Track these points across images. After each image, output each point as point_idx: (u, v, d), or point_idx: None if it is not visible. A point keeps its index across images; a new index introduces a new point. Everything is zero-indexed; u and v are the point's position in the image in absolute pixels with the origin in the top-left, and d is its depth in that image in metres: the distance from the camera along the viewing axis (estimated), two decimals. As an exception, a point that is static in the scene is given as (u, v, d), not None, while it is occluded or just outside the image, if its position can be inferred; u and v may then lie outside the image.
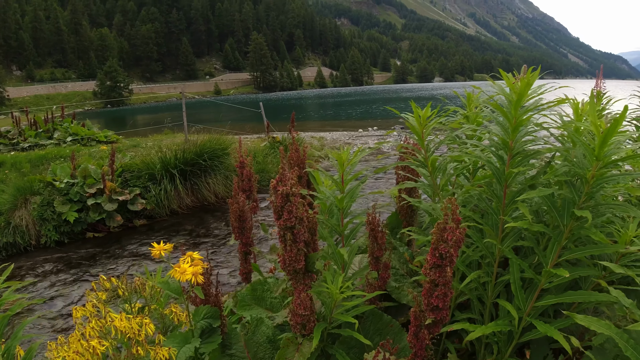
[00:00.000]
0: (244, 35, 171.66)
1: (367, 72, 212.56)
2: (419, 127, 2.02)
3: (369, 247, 1.87)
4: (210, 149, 8.28)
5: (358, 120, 30.31)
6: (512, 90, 1.70)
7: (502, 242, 1.93)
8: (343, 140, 16.52)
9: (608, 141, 1.52)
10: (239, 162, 2.20)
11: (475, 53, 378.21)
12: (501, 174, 1.82)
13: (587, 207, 1.72)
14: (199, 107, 52.55)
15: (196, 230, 7.07)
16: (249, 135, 16.97)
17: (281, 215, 1.46)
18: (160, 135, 14.28)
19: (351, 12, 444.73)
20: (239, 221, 2.03)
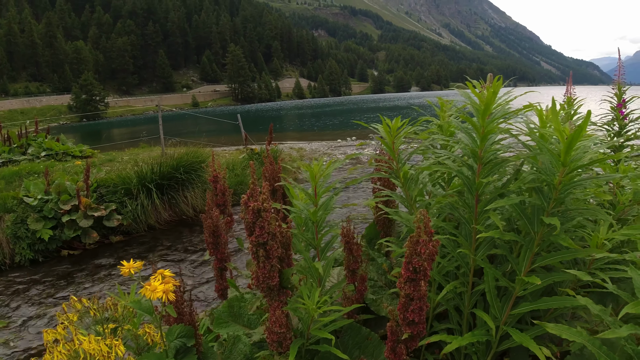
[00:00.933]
0: (222, 47, 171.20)
1: (345, 83, 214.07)
2: (389, 139, 2.02)
3: (345, 260, 1.85)
4: (188, 162, 8.19)
5: (337, 131, 30.42)
6: (479, 99, 1.71)
7: (476, 251, 1.94)
8: (322, 151, 16.53)
9: (573, 147, 1.53)
10: (212, 177, 2.16)
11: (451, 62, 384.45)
12: (472, 184, 1.82)
13: (556, 213, 1.73)
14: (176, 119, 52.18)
15: (174, 245, 6.96)
16: (227, 147, 16.87)
17: (253, 232, 1.43)
18: (136, 149, 14.09)
19: (328, 23, 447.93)
20: (213, 236, 1.99)
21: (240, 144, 16.07)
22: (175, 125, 42.28)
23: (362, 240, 3.02)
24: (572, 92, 3.47)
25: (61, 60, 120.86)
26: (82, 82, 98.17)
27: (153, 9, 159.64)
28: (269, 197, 1.39)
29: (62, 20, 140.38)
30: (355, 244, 1.80)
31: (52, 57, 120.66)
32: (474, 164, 1.83)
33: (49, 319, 4.81)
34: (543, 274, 1.82)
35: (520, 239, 1.77)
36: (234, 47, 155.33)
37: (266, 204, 1.41)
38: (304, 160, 14.02)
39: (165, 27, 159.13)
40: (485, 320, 1.76)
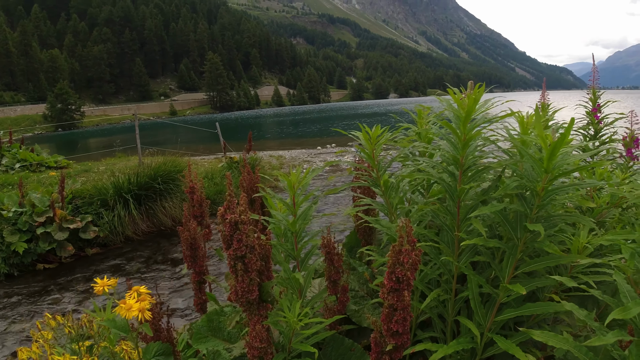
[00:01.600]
0: (199, 55, 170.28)
1: (324, 90, 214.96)
2: (369, 147, 2.00)
3: (325, 271, 1.82)
4: (166, 171, 8.08)
5: (316, 138, 30.46)
6: (460, 106, 1.70)
7: (459, 258, 1.92)
8: (302, 158, 16.52)
9: (556, 154, 1.53)
10: (189, 188, 2.10)
11: (428, 69, 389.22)
12: (454, 191, 1.81)
13: (539, 219, 1.73)
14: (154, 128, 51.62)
15: (153, 257, 6.83)
16: (206, 156, 16.74)
17: (231, 245, 1.39)
18: (113, 159, 13.87)
19: (306, 31, 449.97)
20: (190, 249, 1.93)
21: (219, 153, 15.97)
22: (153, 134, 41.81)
23: (343, 249, 2.98)
24: (546, 98, 3.51)
25: (36, 69, 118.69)
26: (57, 91, 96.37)
27: (130, 17, 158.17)
28: (246, 209, 1.34)
29: (38, 28, 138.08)
30: (336, 255, 1.77)
31: (27, 66, 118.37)
32: (455, 170, 1.82)
33: (25, 336, 4.66)
34: (526, 279, 1.82)
35: (503, 246, 1.76)
36: (212, 55, 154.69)
37: (244, 216, 1.37)
38: (284, 168, 13.98)
39: (142, 35, 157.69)
40: (470, 327, 1.74)
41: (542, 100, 3.52)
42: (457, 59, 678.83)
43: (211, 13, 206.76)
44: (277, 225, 1.81)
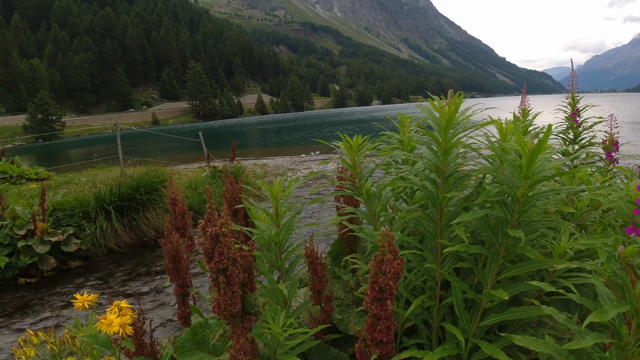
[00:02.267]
0: (182, 64, 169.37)
1: (307, 98, 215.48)
2: (351, 156, 2.01)
3: (309, 281, 1.82)
4: (148, 182, 7.99)
5: (300, 145, 30.48)
6: (441, 115, 1.72)
7: (443, 264, 1.94)
8: (286, 166, 16.50)
9: (535, 160, 1.54)
10: (170, 199, 2.08)
11: (410, 76, 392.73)
12: (436, 198, 1.82)
13: (520, 224, 1.75)
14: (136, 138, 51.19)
15: (136, 269, 6.73)
16: (189, 165, 16.64)
17: (212, 258, 1.38)
18: (94, 170, 13.71)
19: (289, 39, 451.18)
20: (173, 262, 1.90)
21: (202, 162, 15.88)
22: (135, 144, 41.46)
23: (327, 257, 2.98)
24: (526, 104, 3.56)
25: (16, 79, 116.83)
26: (37, 101, 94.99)
27: (111, 26, 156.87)
28: (227, 222, 1.33)
29: (18, 38, 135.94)
30: (319, 264, 1.77)
31: (6, 76, 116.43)
32: (437, 178, 1.83)
33: (7, 353, 4.56)
34: (509, 284, 1.83)
35: (485, 252, 1.77)
36: (194, 64, 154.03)
37: (224, 229, 1.36)
38: (268, 176, 13.95)
39: (124, 43, 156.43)
40: (455, 333, 1.75)
41: (522, 106, 3.58)
42: (438, 65, 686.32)
43: (193, 22, 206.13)
44: (260, 235, 1.80)
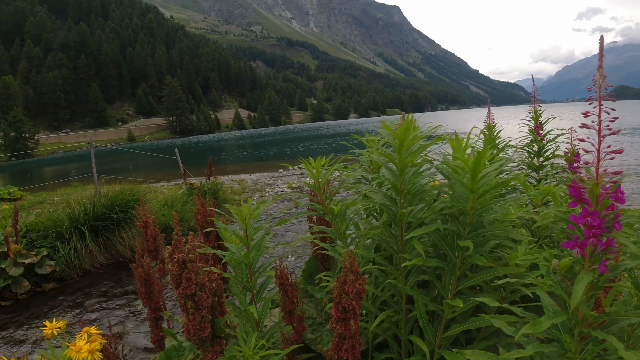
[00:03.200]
0: (158, 80, 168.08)
1: (285, 112, 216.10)
2: (314, 177, 2.08)
3: (280, 302, 1.86)
4: (123, 200, 7.93)
5: (279, 160, 30.49)
6: (394, 135, 1.82)
7: (407, 279, 2.02)
8: (264, 182, 16.49)
9: (477, 175, 1.64)
10: (142, 222, 2.11)
11: (386, 89, 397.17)
12: (396, 215, 1.90)
13: (473, 236, 1.85)
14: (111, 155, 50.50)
15: (112, 290, 6.66)
16: (166, 182, 16.52)
17: (180, 284, 1.41)
18: (69, 189, 13.52)
19: (266, 54, 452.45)
20: (145, 286, 1.91)
21: (179, 179, 15.79)
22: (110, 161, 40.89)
23: (301, 275, 3.04)
24: (491, 118, 3.71)
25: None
26: (10, 119, 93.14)
27: (86, 42, 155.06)
28: (194, 248, 1.38)
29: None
30: (289, 285, 1.81)
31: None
32: (396, 196, 1.92)
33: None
34: (471, 295, 1.93)
35: (443, 264, 1.86)
36: (170, 79, 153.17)
37: (192, 255, 1.39)
38: (246, 192, 13.95)
39: (99, 59, 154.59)
40: (420, 345, 1.83)
41: (487, 121, 3.72)
42: (413, 78, 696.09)
43: (169, 37, 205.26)
44: (231, 257, 1.85)
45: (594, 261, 1.28)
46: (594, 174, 1.26)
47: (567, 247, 1.33)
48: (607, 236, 1.26)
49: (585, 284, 1.21)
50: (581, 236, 1.26)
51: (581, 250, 1.28)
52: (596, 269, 1.27)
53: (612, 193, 1.24)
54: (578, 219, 1.27)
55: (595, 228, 1.24)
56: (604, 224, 1.25)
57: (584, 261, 1.29)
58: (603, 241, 1.25)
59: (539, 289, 1.44)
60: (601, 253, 1.28)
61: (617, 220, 1.27)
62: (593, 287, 1.32)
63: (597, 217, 1.24)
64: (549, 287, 1.37)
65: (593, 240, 1.25)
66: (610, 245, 1.26)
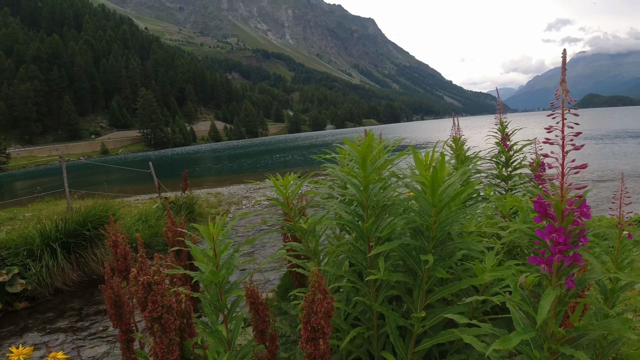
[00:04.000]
0: (132, 92, 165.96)
1: (262, 124, 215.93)
2: (282, 195, 2.08)
3: (252, 321, 1.85)
4: (96, 216, 7.80)
5: (255, 172, 30.41)
6: (357, 152, 1.84)
7: (377, 294, 2.03)
8: (241, 194, 16.41)
9: (437, 189, 1.66)
10: (112, 241, 2.07)
11: (362, 100, 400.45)
12: (362, 231, 1.91)
13: (437, 250, 1.87)
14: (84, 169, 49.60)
15: (85, 308, 6.52)
16: (140, 196, 16.29)
17: (146, 307, 1.38)
18: (40, 204, 13.23)
19: (241, 66, 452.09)
20: (115, 307, 1.87)
21: (154, 192, 15.59)
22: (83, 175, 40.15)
23: (277, 290, 3.03)
24: (458, 132, 3.77)
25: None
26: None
27: (58, 54, 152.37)
28: (159, 270, 1.37)
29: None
30: (260, 304, 1.80)
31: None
32: (362, 212, 1.93)
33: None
34: (441, 308, 1.95)
35: (408, 279, 1.87)
36: (145, 91, 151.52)
37: (157, 277, 1.38)
38: (222, 205, 13.86)
39: (72, 71, 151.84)
40: (390, 360, 1.84)
41: (453, 134, 3.79)
42: (389, 89, 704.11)
43: (144, 49, 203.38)
44: (200, 277, 1.84)
45: (561, 276, 1.30)
46: (559, 189, 1.28)
47: (534, 262, 1.34)
48: (574, 251, 1.27)
49: (552, 300, 1.22)
50: (547, 252, 1.28)
51: (547, 266, 1.29)
52: (563, 285, 1.29)
53: (577, 208, 1.25)
54: (544, 234, 1.28)
55: (561, 244, 1.25)
56: (570, 240, 1.26)
57: (551, 276, 1.31)
58: (569, 256, 1.27)
59: (509, 303, 1.45)
60: (568, 268, 1.29)
61: (583, 235, 1.28)
62: (560, 302, 1.34)
63: (562, 233, 1.25)
64: (518, 303, 1.39)
65: (559, 257, 1.26)
66: (577, 260, 1.27)
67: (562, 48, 1.43)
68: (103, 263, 7.56)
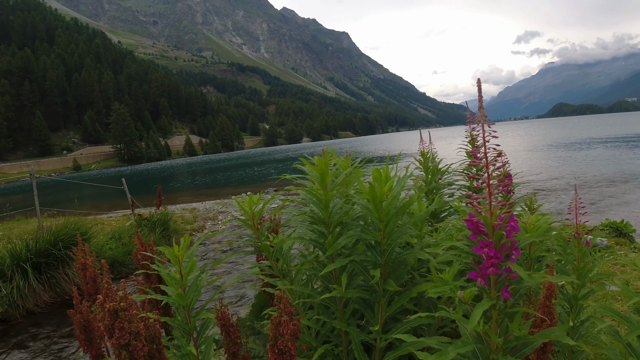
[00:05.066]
0: (105, 106, 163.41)
1: (238, 137, 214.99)
2: (248, 215, 2.13)
3: (223, 343, 1.82)
4: (67, 235, 7.69)
5: (231, 187, 30.23)
6: (316, 171, 1.92)
7: (344, 309, 2.10)
8: (216, 210, 16.31)
9: (379, 205, 1.72)
10: (80, 264, 2.07)
11: (338, 113, 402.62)
12: (323, 248, 1.96)
13: (388, 262, 1.93)
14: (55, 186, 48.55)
15: (58, 330, 6.39)
16: (113, 213, 16.07)
17: (113, 334, 1.37)
18: (10, 223, 12.97)
19: (217, 80, 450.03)
20: (84, 332, 1.87)
21: (128, 209, 15.40)
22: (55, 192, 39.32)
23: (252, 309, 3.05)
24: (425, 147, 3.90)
25: None
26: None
27: (30, 68, 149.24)
28: (126, 295, 1.37)
29: None
30: (231, 326, 1.78)
31: None
32: (324, 229, 1.99)
33: None
34: (403, 322, 2.03)
35: (365, 294, 1.90)
36: (118, 106, 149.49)
37: (123, 303, 1.38)
38: (198, 221, 13.77)
39: (43, 86, 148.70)
40: (356, 376, 1.90)
41: (421, 148, 3.91)
42: (364, 102, 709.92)
43: (117, 62, 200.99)
44: (168, 300, 1.84)
45: (499, 288, 1.37)
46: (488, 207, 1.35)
47: (472, 277, 1.42)
48: (505, 265, 1.35)
49: (483, 309, 1.29)
50: (483, 266, 1.35)
51: (484, 280, 1.36)
52: (499, 296, 1.37)
53: (506, 223, 1.34)
54: (478, 250, 1.36)
55: (493, 258, 1.33)
56: (502, 253, 1.34)
57: (489, 289, 1.38)
58: (502, 269, 1.34)
59: (458, 317, 1.53)
60: (504, 280, 1.37)
61: (515, 248, 1.37)
62: (500, 312, 1.43)
63: (493, 247, 1.33)
64: (460, 318, 1.47)
65: (493, 270, 1.33)
66: (510, 272, 1.35)
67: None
68: (76, 283, 7.46)
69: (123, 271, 8.20)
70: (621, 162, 23.35)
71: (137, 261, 2.27)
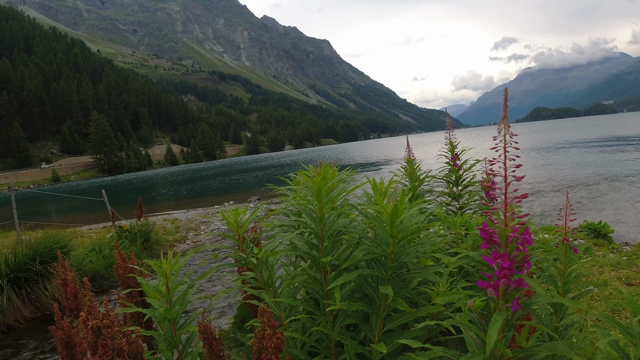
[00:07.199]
0: (84, 116, 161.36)
1: (219, 146, 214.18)
2: (234, 228, 2.10)
3: (206, 357, 1.82)
4: (47, 248, 7.53)
5: (214, 196, 30.03)
6: (312, 184, 1.90)
7: (334, 322, 2.08)
8: (199, 220, 16.16)
9: (396, 221, 1.71)
10: (60, 280, 2.02)
11: (320, 120, 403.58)
12: (318, 261, 1.94)
13: (394, 278, 1.93)
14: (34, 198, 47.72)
15: (41, 346, 6.22)
16: (93, 225, 15.83)
17: (96, 351, 1.36)
18: (-13, 237, 12.66)
19: (197, 88, 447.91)
20: (66, 349, 1.83)
21: (108, 221, 15.18)
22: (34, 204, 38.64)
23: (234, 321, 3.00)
24: (411, 154, 3.91)
25: None
26: None
27: (7, 78, 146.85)
28: (108, 312, 1.34)
29: None
30: (214, 340, 1.78)
31: None
32: (318, 242, 1.97)
33: None
34: (398, 333, 2.01)
35: (367, 308, 1.91)
36: (97, 115, 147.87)
37: (106, 320, 1.37)
38: (180, 232, 13.62)
39: (21, 96, 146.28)
40: (349, 389, 1.87)
41: (407, 156, 3.92)
42: (345, 109, 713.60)
43: (96, 72, 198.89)
44: (153, 314, 1.81)
45: (508, 299, 1.37)
46: (503, 218, 1.35)
47: (481, 286, 1.41)
48: (518, 276, 1.35)
49: (499, 326, 1.29)
50: (494, 277, 1.35)
51: (494, 290, 1.36)
52: (509, 307, 1.36)
53: (520, 235, 1.34)
54: (490, 260, 1.36)
55: (506, 269, 1.33)
56: (515, 265, 1.35)
57: (498, 300, 1.38)
58: (514, 281, 1.35)
59: (462, 326, 1.51)
60: (513, 291, 1.37)
61: (527, 260, 1.37)
62: (508, 324, 1.42)
63: (507, 258, 1.33)
64: (467, 326, 1.45)
65: (505, 281, 1.34)
66: (522, 284, 1.35)
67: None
68: (56, 297, 7.29)
69: (104, 284, 8.04)
70: (599, 165, 23.80)
71: (118, 276, 2.21)
